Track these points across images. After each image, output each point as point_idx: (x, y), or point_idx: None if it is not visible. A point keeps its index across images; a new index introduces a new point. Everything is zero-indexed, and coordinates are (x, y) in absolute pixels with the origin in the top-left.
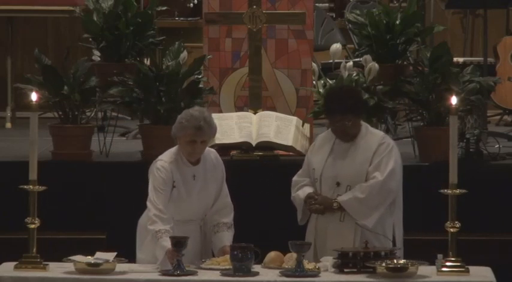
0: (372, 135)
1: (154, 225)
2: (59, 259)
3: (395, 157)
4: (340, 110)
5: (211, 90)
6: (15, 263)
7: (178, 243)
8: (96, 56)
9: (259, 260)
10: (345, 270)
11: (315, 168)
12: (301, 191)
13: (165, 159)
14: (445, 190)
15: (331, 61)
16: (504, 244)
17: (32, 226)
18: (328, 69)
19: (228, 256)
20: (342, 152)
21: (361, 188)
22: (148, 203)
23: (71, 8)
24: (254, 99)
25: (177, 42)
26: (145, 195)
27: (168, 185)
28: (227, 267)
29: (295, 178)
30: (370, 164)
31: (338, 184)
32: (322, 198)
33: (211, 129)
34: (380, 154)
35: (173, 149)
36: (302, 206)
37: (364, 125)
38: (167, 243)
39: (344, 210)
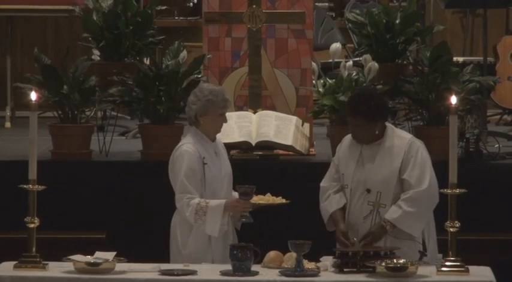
0: (399, 139)
1: (192, 202)
2: (58, 258)
3: (428, 160)
4: (351, 113)
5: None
6: (14, 262)
7: (245, 192)
8: (96, 55)
9: (259, 260)
10: (345, 269)
11: (344, 173)
12: (328, 203)
13: (187, 141)
14: (445, 190)
15: (330, 60)
16: (504, 244)
17: (32, 225)
18: (328, 69)
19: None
20: (370, 156)
21: (407, 202)
22: (180, 194)
23: (71, 8)
24: (254, 99)
25: (176, 42)
26: (145, 194)
27: (199, 164)
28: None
29: (322, 184)
30: (402, 169)
31: (368, 191)
32: (373, 235)
33: None
34: (412, 160)
35: (189, 134)
36: (327, 218)
37: (390, 127)
38: (219, 201)
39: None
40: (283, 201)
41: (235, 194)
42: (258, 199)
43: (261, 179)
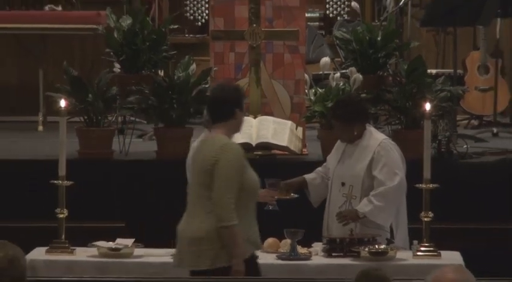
0: (374, 139)
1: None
2: (84, 244)
3: (398, 160)
4: (332, 117)
5: None
6: (46, 248)
7: (273, 184)
8: (117, 68)
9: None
10: (333, 254)
11: (330, 168)
12: (307, 175)
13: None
14: (420, 185)
15: (321, 72)
16: (471, 232)
17: (61, 216)
18: (319, 80)
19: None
20: (350, 153)
21: (377, 197)
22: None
23: (95, 27)
24: (254, 106)
25: (187, 56)
26: (159, 188)
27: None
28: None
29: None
30: (373, 167)
31: (343, 184)
32: (347, 211)
33: None
34: (382, 158)
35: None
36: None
37: (369, 130)
38: None
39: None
40: (295, 196)
41: None
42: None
43: (260, 175)
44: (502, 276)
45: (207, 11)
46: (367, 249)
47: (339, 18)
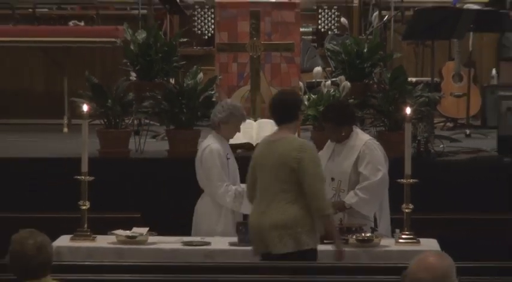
0: (360, 140)
1: (230, 188)
2: (104, 233)
3: (381, 157)
4: (323, 119)
5: None
6: (70, 236)
7: None
8: (133, 76)
9: None
10: (324, 241)
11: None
12: None
13: (213, 142)
14: (401, 180)
15: (314, 80)
16: (447, 221)
17: (84, 207)
18: (312, 87)
19: None
20: (339, 152)
21: (362, 190)
22: (219, 183)
23: (114, 40)
24: (254, 110)
25: (195, 66)
26: (171, 183)
27: (224, 158)
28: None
29: None
30: (358, 164)
31: (332, 179)
32: (335, 202)
33: None
34: (367, 156)
35: (210, 135)
36: None
37: (356, 131)
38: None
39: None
40: None
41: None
42: None
43: None
44: (473, 260)
45: (212, 26)
46: (354, 237)
47: (329, 32)
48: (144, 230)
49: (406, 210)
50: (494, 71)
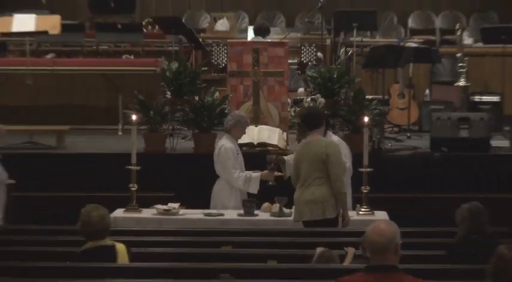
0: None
1: (241, 174)
2: (148, 206)
3: (348, 154)
4: (300, 123)
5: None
6: (123, 209)
7: (275, 167)
8: (168, 95)
9: (258, 208)
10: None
11: None
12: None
13: (226, 142)
14: (361, 169)
15: (298, 98)
16: (394, 199)
17: (133, 189)
18: (297, 102)
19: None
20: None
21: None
22: (233, 170)
23: (154, 68)
24: (255, 119)
25: (212, 87)
26: (196, 171)
27: (235, 153)
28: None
29: None
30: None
31: None
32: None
33: None
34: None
35: (225, 136)
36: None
37: (329, 134)
38: (257, 174)
39: None
40: (288, 175)
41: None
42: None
43: (259, 163)
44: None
45: (225, 59)
46: None
47: (309, 63)
48: (176, 205)
49: (364, 191)
50: (427, 91)
